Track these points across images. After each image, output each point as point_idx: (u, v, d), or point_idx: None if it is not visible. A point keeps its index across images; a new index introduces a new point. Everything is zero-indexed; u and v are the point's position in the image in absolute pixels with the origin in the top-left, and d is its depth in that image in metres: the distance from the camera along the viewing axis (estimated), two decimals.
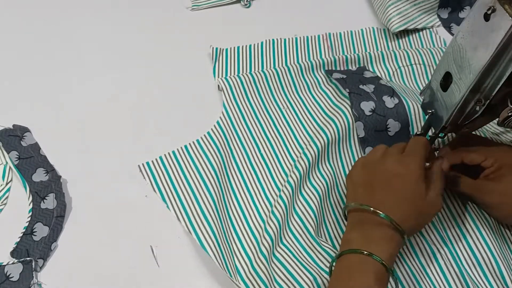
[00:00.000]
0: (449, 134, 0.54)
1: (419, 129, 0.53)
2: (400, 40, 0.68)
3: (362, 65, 0.63)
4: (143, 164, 0.51)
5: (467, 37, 0.38)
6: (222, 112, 0.57)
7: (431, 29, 0.69)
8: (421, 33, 0.68)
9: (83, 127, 0.57)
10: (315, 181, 0.50)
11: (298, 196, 0.49)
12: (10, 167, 0.53)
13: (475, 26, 0.37)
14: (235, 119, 0.56)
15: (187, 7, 0.72)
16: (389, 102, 0.54)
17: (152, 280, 0.46)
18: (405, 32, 0.68)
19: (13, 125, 0.56)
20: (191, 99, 0.60)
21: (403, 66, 0.62)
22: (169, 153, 0.52)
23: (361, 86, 0.56)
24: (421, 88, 0.58)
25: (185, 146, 0.53)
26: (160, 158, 0.52)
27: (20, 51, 0.66)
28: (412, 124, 0.54)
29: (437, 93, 0.44)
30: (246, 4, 0.72)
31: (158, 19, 0.70)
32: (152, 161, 0.52)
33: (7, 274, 0.45)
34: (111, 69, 0.64)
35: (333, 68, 0.62)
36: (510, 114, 0.39)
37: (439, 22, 0.69)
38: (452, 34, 0.68)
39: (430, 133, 0.49)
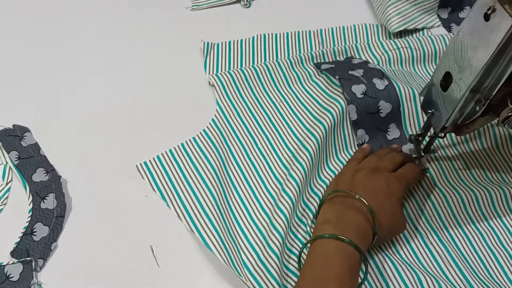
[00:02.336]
0: (449, 134, 0.53)
1: (409, 109, 0.54)
2: (397, 40, 0.67)
3: (349, 55, 0.63)
4: (140, 164, 0.51)
5: (467, 37, 0.38)
6: (216, 110, 0.57)
7: (430, 29, 0.69)
8: (420, 33, 0.68)
9: (83, 127, 0.57)
10: (318, 186, 0.51)
11: (300, 202, 0.49)
12: (10, 167, 0.53)
13: (475, 26, 0.37)
14: (229, 115, 0.57)
15: (187, 7, 0.72)
16: (379, 84, 0.54)
17: (152, 280, 0.46)
18: (405, 32, 0.68)
19: (13, 125, 0.56)
20: (191, 99, 0.60)
21: (390, 50, 0.62)
22: (166, 152, 0.53)
23: (350, 72, 0.56)
24: (409, 71, 0.59)
25: (182, 144, 0.53)
26: (158, 157, 0.52)
27: (20, 51, 0.66)
28: (403, 105, 0.54)
29: (437, 93, 0.44)
30: (246, 4, 0.72)
31: (158, 19, 0.70)
32: (150, 161, 0.52)
33: (7, 274, 0.45)
34: (111, 69, 0.64)
35: (322, 61, 0.62)
36: (510, 114, 0.39)
37: (439, 22, 0.69)
38: (452, 34, 0.68)
39: (430, 133, 0.49)
